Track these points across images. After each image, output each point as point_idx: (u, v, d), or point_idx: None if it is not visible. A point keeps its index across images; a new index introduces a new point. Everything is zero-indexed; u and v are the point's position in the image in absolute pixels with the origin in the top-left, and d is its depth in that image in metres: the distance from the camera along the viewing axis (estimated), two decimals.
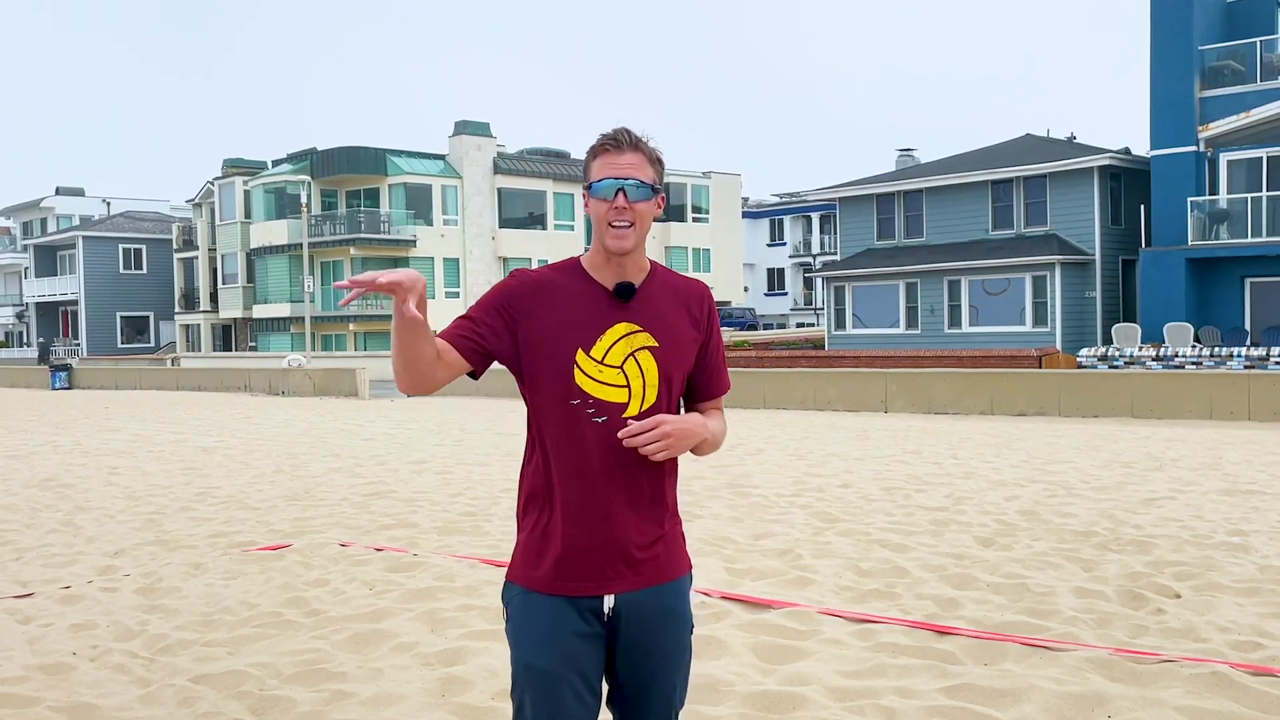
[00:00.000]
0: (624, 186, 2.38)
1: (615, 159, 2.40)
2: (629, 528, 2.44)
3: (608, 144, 2.41)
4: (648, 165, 2.42)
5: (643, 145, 2.42)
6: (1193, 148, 28.76)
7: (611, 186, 2.38)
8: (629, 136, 2.41)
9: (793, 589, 6.00)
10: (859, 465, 11.47)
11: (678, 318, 2.50)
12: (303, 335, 43.47)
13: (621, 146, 2.40)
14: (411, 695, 4.42)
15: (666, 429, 2.34)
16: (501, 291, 2.45)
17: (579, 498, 2.42)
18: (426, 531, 7.86)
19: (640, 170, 2.40)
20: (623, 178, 2.38)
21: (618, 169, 2.39)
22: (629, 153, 2.40)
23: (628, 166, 2.39)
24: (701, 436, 2.44)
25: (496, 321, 2.42)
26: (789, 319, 62.06)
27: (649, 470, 2.45)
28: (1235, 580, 6.01)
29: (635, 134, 2.43)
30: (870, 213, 35.83)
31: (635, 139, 2.42)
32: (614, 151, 2.40)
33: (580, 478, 2.42)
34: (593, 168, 2.43)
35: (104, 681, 4.67)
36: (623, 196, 2.38)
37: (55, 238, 62.41)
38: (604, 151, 2.41)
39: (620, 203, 2.38)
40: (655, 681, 2.49)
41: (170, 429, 17.99)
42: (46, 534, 8.05)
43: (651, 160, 2.43)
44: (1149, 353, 26.45)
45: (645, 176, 2.40)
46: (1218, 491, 9.30)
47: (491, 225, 49.62)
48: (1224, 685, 4.29)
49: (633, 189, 2.38)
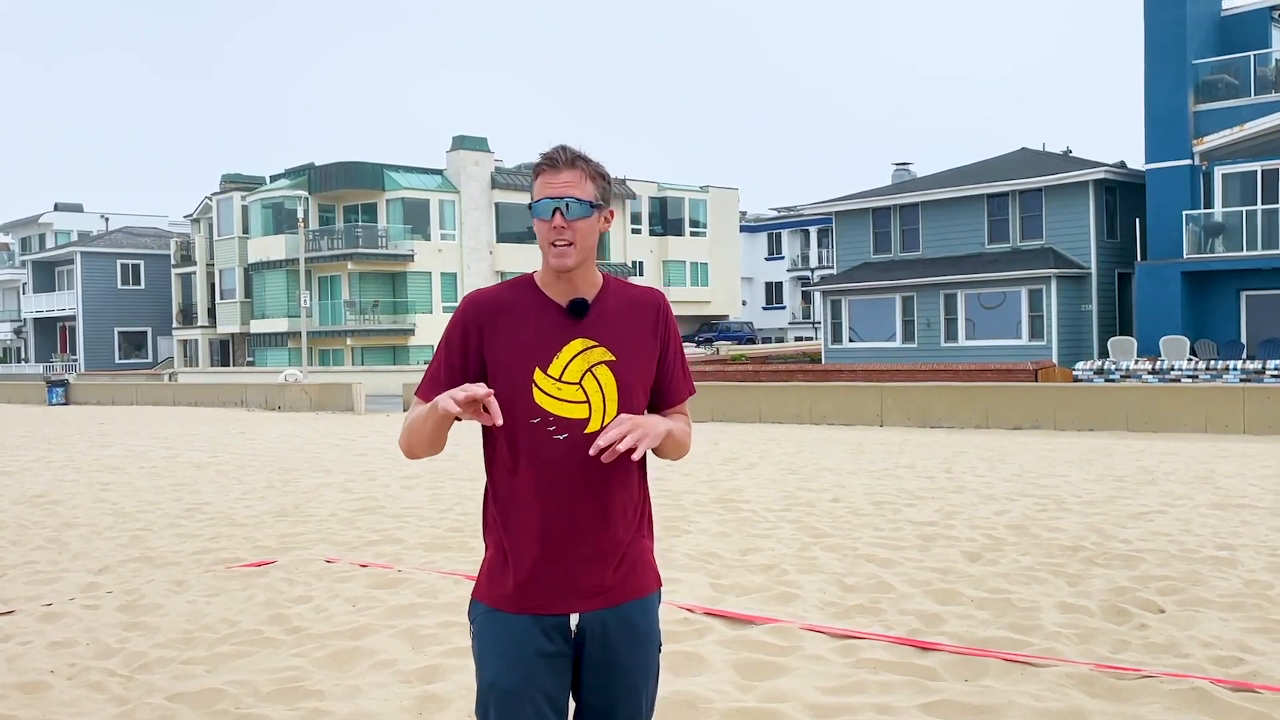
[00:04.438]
0: (560, 206, 2.38)
1: (553, 178, 2.40)
2: (594, 545, 2.43)
3: (545, 163, 2.42)
4: (586, 182, 2.41)
5: (581, 162, 2.42)
6: (1187, 161, 28.81)
7: (549, 206, 2.39)
8: (565, 154, 2.41)
9: (776, 604, 5.98)
10: (851, 479, 11.45)
11: (634, 329, 2.51)
12: (300, 350, 43.46)
13: (558, 165, 2.40)
14: (388, 713, 4.39)
15: (633, 422, 2.34)
16: (461, 323, 2.46)
17: (543, 515, 2.41)
18: (413, 547, 7.83)
19: (576, 188, 2.40)
20: (559, 197, 2.38)
21: (554, 188, 2.39)
22: (565, 171, 2.40)
23: (564, 185, 2.39)
24: (663, 433, 2.42)
25: (468, 357, 2.44)
26: (787, 333, 62.07)
27: (614, 486, 2.44)
28: (1220, 595, 5.99)
29: (573, 151, 2.42)
30: (866, 226, 35.87)
31: (572, 156, 2.41)
32: (550, 171, 2.41)
33: (544, 495, 2.41)
34: (534, 187, 2.44)
35: (80, 700, 4.64)
36: (560, 216, 2.38)
37: (54, 253, 62.47)
38: (542, 171, 2.42)
39: (558, 222, 2.38)
40: (622, 700, 2.48)
41: (164, 444, 17.96)
42: (31, 551, 8.03)
43: (592, 176, 2.42)
44: (1145, 366, 26.45)
45: (583, 194, 2.40)
46: (1208, 505, 9.28)
47: (489, 240, 49.69)
48: (1203, 701, 4.27)
49: (570, 207, 2.39)
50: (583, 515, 2.41)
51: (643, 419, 2.38)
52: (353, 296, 47.20)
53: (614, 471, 2.43)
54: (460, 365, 2.44)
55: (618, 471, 2.44)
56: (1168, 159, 29.12)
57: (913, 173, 46.88)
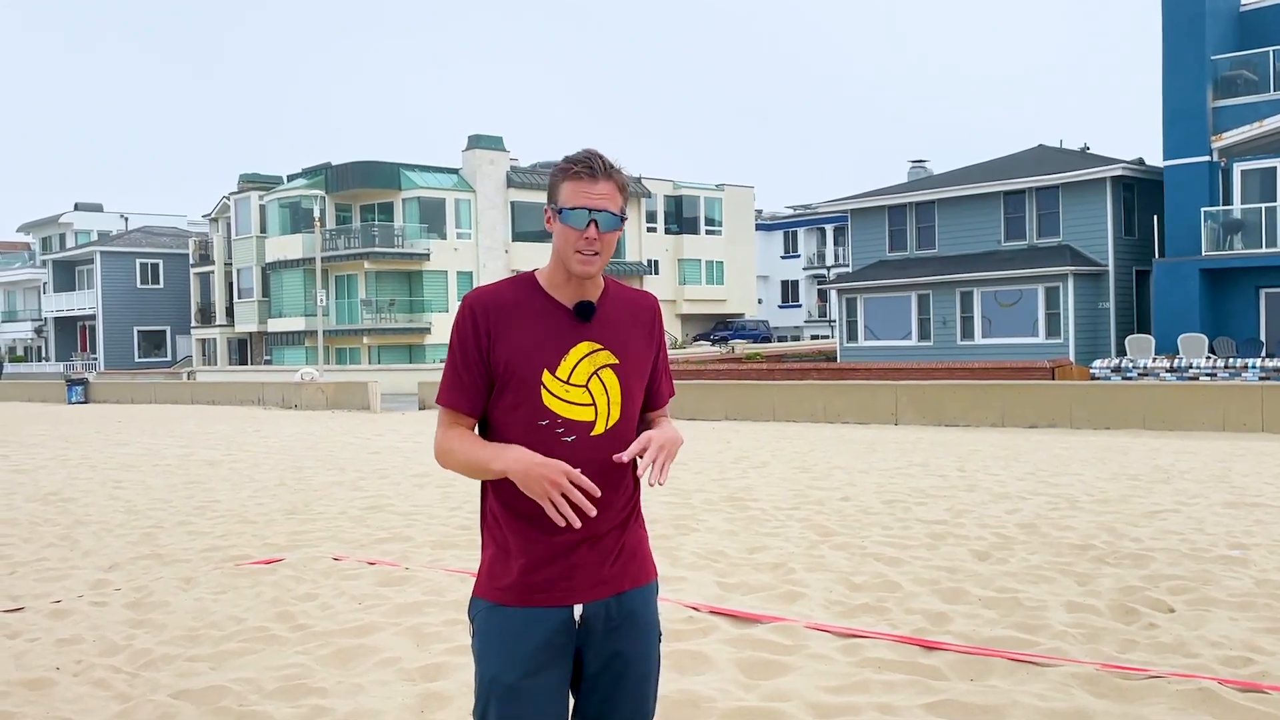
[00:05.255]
0: (596, 218, 2.39)
1: (589, 188, 2.39)
2: (596, 538, 2.46)
3: (582, 171, 2.40)
4: (618, 194, 2.44)
5: (615, 174, 2.43)
6: (1206, 158, 28.59)
7: (584, 217, 2.39)
8: (603, 164, 2.41)
9: (782, 603, 5.95)
10: (862, 478, 11.41)
11: (633, 333, 2.54)
12: (316, 349, 43.62)
13: (596, 175, 2.40)
14: (390, 711, 4.40)
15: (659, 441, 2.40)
16: (471, 323, 2.44)
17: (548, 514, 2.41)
18: (420, 545, 7.84)
19: (612, 200, 2.42)
20: (596, 209, 2.39)
21: (591, 199, 2.39)
22: (603, 182, 2.41)
23: (601, 197, 2.40)
24: (680, 441, 2.49)
25: (482, 363, 2.44)
26: (803, 331, 61.94)
27: (616, 482, 2.47)
28: (1231, 594, 5.93)
29: (609, 161, 2.43)
30: (882, 224, 35.74)
31: (609, 166, 2.42)
32: (588, 180, 2.40)
33: None
34: (563, 190, 2.41)
35: (84, 697, 4.66)
36: (594, 228, 2.39)
37: (74, 253, 62.91)
38: (577, 177, 2.40)
39: (592, 234, 2.39)
40: (625, 691, 2.49)
41: (179, 442, 18.05)
42: (43, 548, 8.07)
43: (621, 188, 2.45)
44: (1163, 364, 26.26)
45: (615, 207, 2.42)
46: (1222, 504, 9.19)
47: (504, 238, 49.74)
48: (1210, 701, 4.23)
49: (605, 220, 2.40)
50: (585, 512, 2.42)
51: (663, 437, 2.43)
52: (369, 295, 47.34)
53: (618, 470, 2.46)
54: (479, 365, 2.43)
55: (621, 469, 2.48)
56: (1186, 155, 28.90)
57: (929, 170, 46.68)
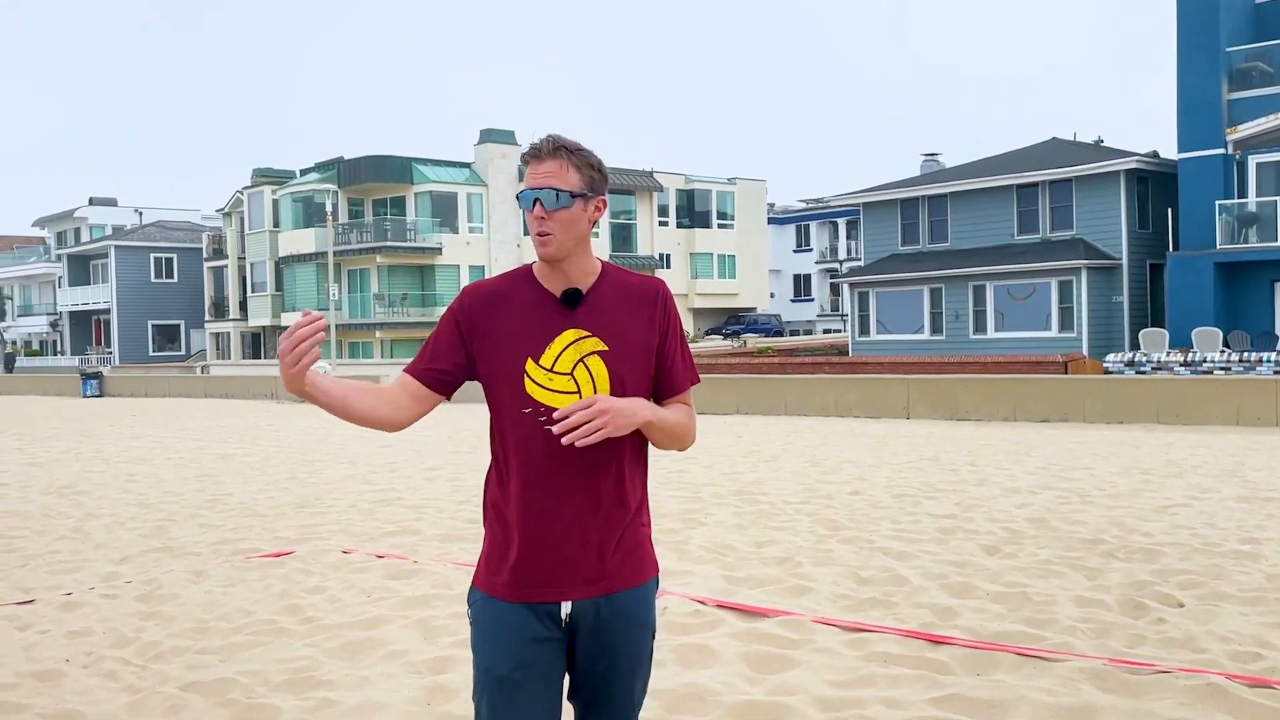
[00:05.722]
0: (539, 196, 2.38)
1: (535, 169, 2.40)
2: (588, 534, 2.44)
3: (529, 153, 2.42)
4: (569, 171, 2.39)
5: (564, 152, 2.40)
6: (1221, 150, 28.42)
7: (529, 197, 2.40)
8: (549, 144, 2.40)
9: (789, 597, 5.94)
10: (873, 472, 11.39)
11: (630, 319, 2.48)
12: (329, 343, 43.75)
13: (541, 155, 2.40)
14: (396, 704, 4.41)
15: (602, 405, 2.32)
16: (455, 311, 2.49)
17: (537, 505, 2.42)
18: (429, 539, 7.86)
19: (556, 178, 2.38)
20: (538, 187, 2.38)
21: (535, 178, 2.40)
22: (548, 161, 2.39)
23: (545, 176, 2.39)
24: (645, 419, 2.40)
25: (455, 345, 2.46)
26: (816, 325, 61.77)
27: (608, 474, 2.44)
28: (1241, 589, 5.90)
29: (558, 140, 2.41)
30: (894, 218, 35.63)
31: (555, 145, 2.40)
32: (534, 162, 2.41)
33: (538, 486, 2.42)
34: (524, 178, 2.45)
35: (93, 689, 4.69)
36: (540, 206, 2.38)
37: (88, 247, 63.17)
38: (528, 161, 2.42)
39: (538, 213, 2.39)
40: (614, 685, 2.51)
41: (192, 436, 18.13)
42: (55, 541, 8.12)
43: (577, 165, 2.40)
44: (1177, 358, 26.13)
45: (564, 184, 2.38)
46: (1235, 499, 9.15)
47: (516, 233, 49.75)
48: (1218, 697, 4.21)
49: (547, 198, 2.38)
50: (576, 504, 2.42)
51: (617, 402, 2.36)
52: (382, 289, 47.43)
53: (607, 460, 2.43)
54: (446, 345, 2.46)
55: (611, 460, 2.44)
56: (1201, 148, 28.72)
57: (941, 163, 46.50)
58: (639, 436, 2.48)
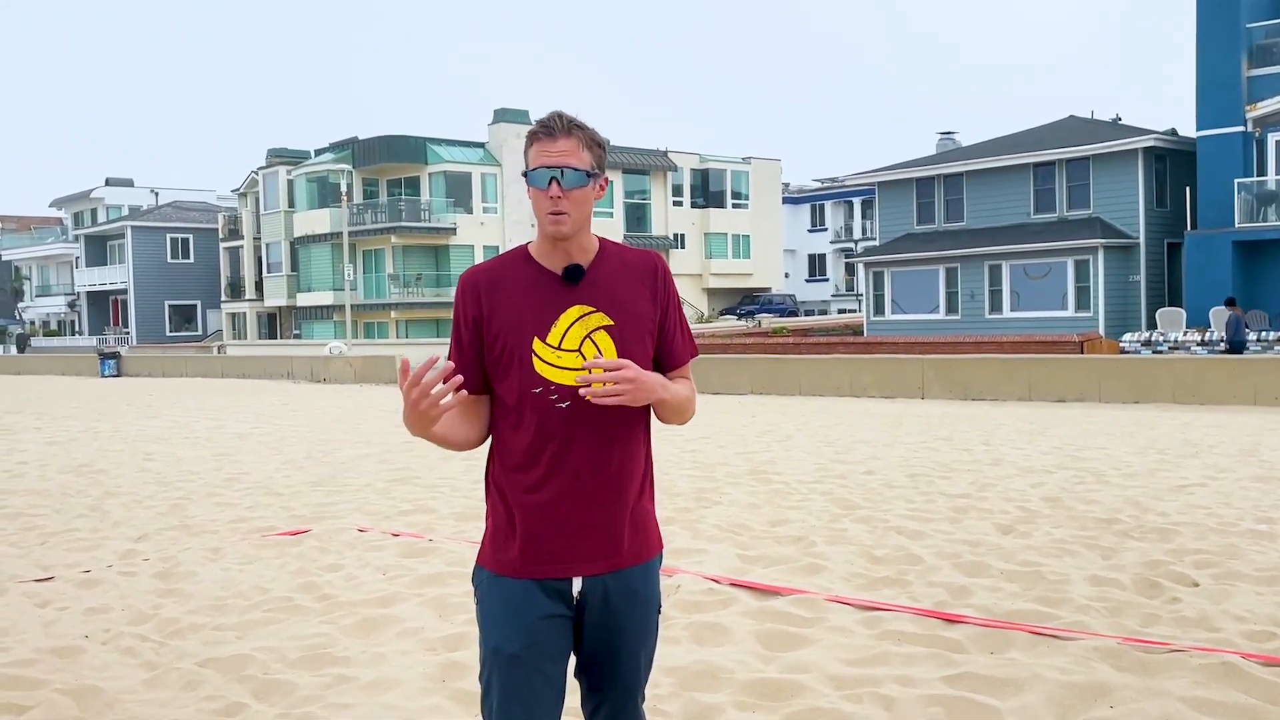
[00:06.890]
0: (556, 175, 2.38)
1: (549, 147, 2.39)
2: (596, 510, 2.45)
3: (540, 131, 2.41)
4: (582, 150, 2.40)
5: (577, 130, 2.40)
6: (1240, 128, 28.16)
7: (545, 175, 2.39)
8: (561, 121, 2.40)
9: (803, 576, 5.95)
10: (887, 452, 11.37)
11: (632, 293, 2.50)
12: (344, 323, 43.86)
13: (554, 133, 2.39)
14: (411, 680, 4.44)
15: (629, 373, 2.34)
16: (460, 303, 2.51)
17: (547, 482, 2.44)
18: (444, 517, 7.90)
19: (573, 156, 2.39)
20: (555, 166, 2.38)
21: (550, 157, 2.39)
22: (562, 139, 2.39)
23: (560, 154, 2.38)
24: (660, 395, 2.43)
25: (476, 341, 2.48)
26: (830, 305, 61.61)
27: (616, 451, 2.45)
28: (1257, 569, 5.88)
29: (569, 118, 2.41)
30: (910, 197, 35.46)
31: (569, 123, 2.40)
32: (547, 140, 2.40)
33: (548, 463, 2.43)
34: (529, 155, 2.43)
35: (112, 665, 4.73)
36: (556, 185, 2.38)
37: (105, 228, 63.44)
38: (538, 139, 2.41)
39: (554, 192, 2.38)
40: (620, 660, 2.53)
41: (209, 416, 18.23)
42: (74, 519, 8.19)
43: (588, 144, 2.41)
44: (1194, 338, 25.98)
45: (579, 162, 2.39)
46: (1251, 478, 9.11)
47: (531, 213, 49.68)
48: (1233, 676, 4.20)
49: (567, 177, 2.38)
50: (585, 481, 2.43)
51: (643, 374, 2.38)
52: (396, 270, 47.50)
53: (615, 437, 2.45)
54: (470, 343, 2.48)
55: (619, 437, 2.45)
56: (1220, 126, 28.46)
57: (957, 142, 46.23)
58: (645, 413, 2.51)
